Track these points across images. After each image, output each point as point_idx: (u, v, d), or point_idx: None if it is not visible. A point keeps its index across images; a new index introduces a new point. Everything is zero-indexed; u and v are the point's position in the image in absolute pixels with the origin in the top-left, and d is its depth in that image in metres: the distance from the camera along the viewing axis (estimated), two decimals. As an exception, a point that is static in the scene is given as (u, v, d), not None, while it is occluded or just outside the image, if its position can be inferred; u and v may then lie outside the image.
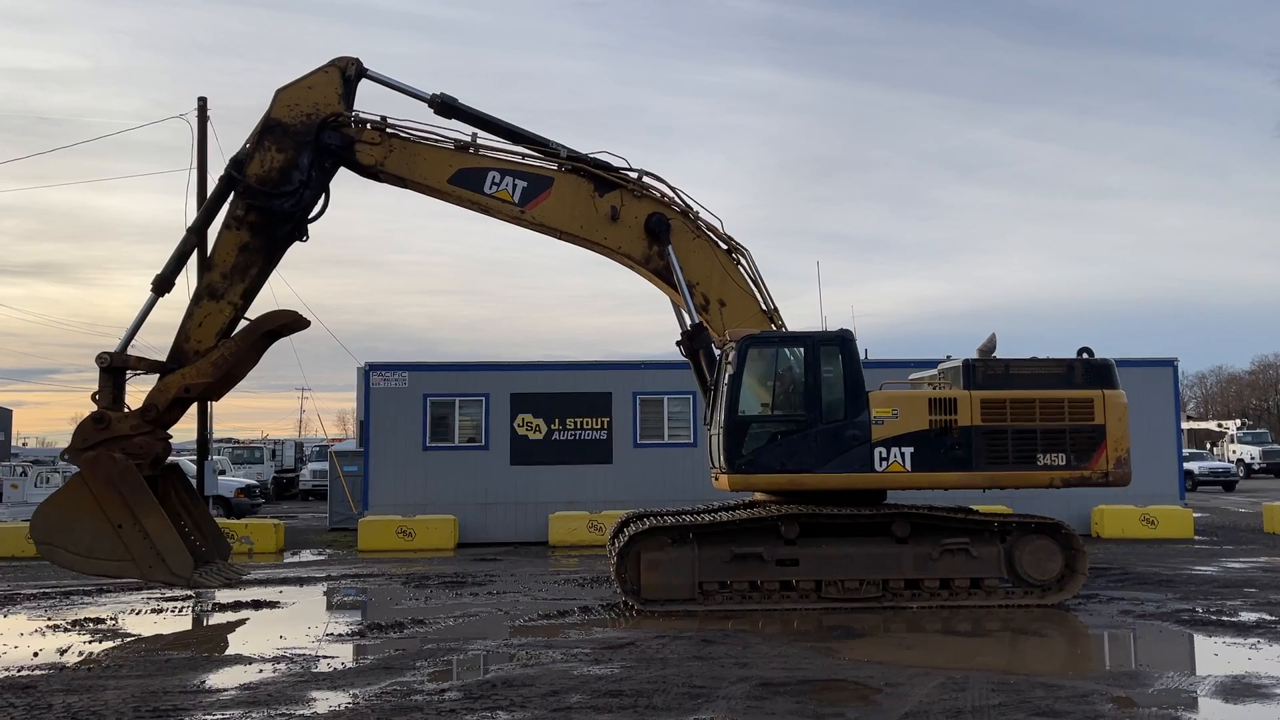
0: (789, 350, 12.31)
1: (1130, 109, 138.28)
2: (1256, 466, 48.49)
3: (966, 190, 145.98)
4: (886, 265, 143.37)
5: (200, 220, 13.30)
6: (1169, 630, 10.66)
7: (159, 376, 12.46)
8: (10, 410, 71.52)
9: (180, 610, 12.57)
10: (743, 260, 13.41)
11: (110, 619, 11.93)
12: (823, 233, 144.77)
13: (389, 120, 12.99)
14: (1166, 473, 21.45)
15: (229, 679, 8.56)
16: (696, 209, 13.41)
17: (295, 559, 19.16)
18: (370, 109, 13.09)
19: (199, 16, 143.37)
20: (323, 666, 9.00)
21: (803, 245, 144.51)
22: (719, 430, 12.13)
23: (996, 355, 12.62)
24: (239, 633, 11.13)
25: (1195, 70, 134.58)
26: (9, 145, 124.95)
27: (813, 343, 12.20)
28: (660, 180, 13.34)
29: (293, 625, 11.32)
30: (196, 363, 12.38)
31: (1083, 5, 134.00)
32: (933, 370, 13.76)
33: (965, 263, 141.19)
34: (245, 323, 12.69)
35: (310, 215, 12.89)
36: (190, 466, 26.55)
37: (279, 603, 13.10)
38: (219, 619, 12.08)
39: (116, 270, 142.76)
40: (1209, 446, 53.66)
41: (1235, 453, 49.80)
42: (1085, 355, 12.42)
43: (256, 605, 12.83)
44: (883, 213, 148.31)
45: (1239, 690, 7.90)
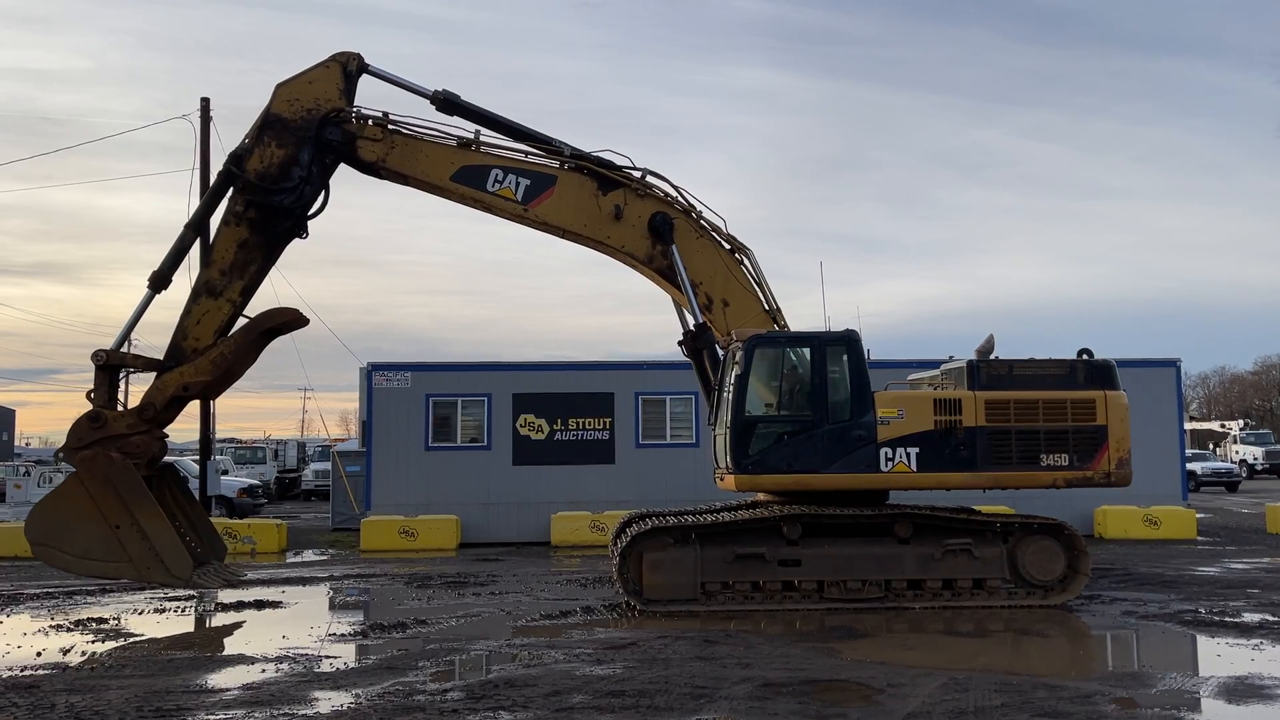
0: (795, 350, 12.30)
1: (1132, 109, 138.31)
2: (1259, 467, 48.47)
3: (968, 191, 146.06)
4: (888, 266, 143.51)
5: (198, 216, 13.08)
6: (1172, 631, 10.66)
7: (156, 375, 12.27)
8: (13, 410, 71.64)
9: (183, 610, 12.58)
10: (745, 260, 13.38)
11: (113, 619, 11.93)
12: (824, 233, 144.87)
13: (391, 116, 12.87)
14: (1169, 473, 21.43)
15: (231, 679, 8.57)
16: (699, 208, 13.38)
17: (298, 559, 19.18)
18: (370, 105, 13.01)
19: (201, 16, 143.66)
20: (325, 666, 9.00)
21: (804, 246, 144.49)
22: (725, 430, 12.10)
23: (994, 356, 12.62)
24: (241, 633, 11.13)
25: (1198, 70, 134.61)
26: (12, 145, 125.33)
27: (819, 343, 12.19)
28: (663, 179, 13.31)
29: (295, 625, 11.33)
30: (195, 361, 12.18)
31: (1085, 5, 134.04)
32: (934, 371, 13.76)
33: (967, 263, 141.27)
34: (244, 320, 12.51)
35: (310, 212, 12.73)
36: (193, 466, 26.62)
37: (281, 603, 13.11)
38: (222, 619, 12.09)
39: (120, 270, 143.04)
40: (1212, 447, 53.64)
41: (1238, 453, 49.77)
42: (1086, 356, 12.44)
43: (259, 605, 12.84)
44: (884, 213, 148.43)
45: (1242, 691, 7.90)
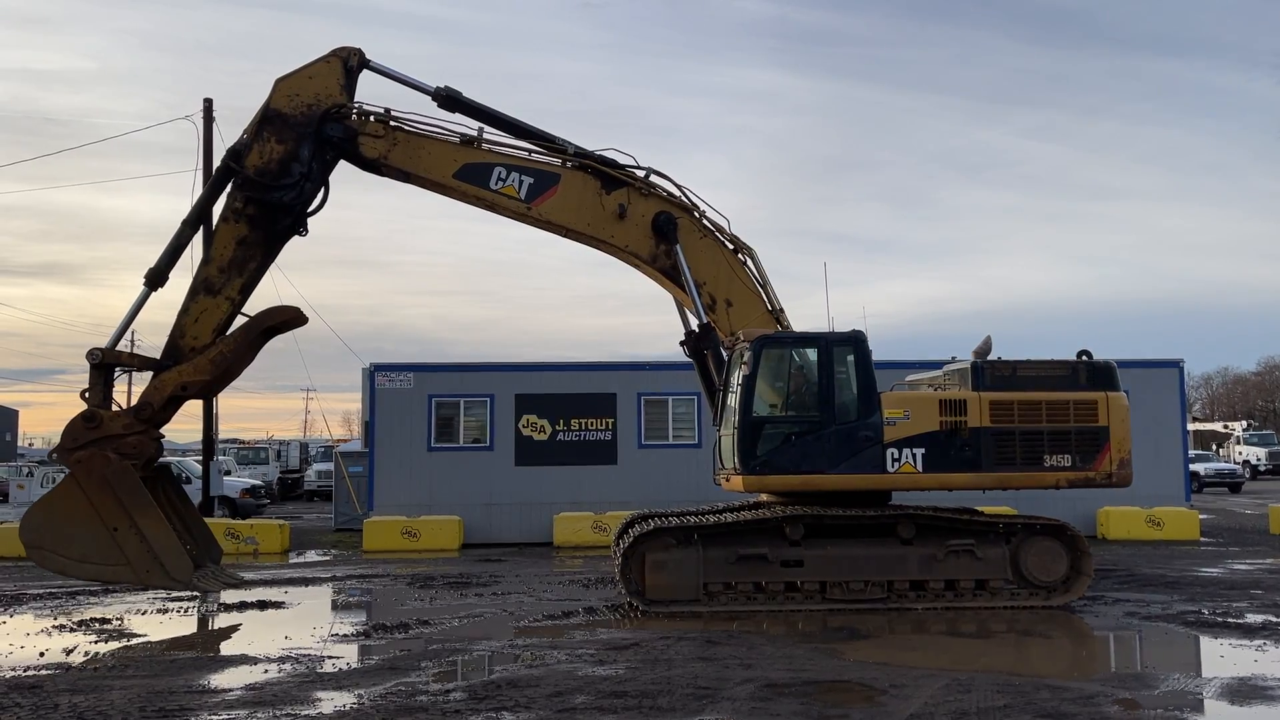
0: (803, 351, 12.28)
1: (1136, 109, 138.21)
2: (1262, 468, 48.45)
3: (971, 191, 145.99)
4: (891, 266, 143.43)
5: (196, 212, 12.80)
6: (1175, 632, 10.65)
7: (153, 374, 12.07)
8: (16, 411, 71.64)
9: (186, 611, 12.58)
10: (748, 260, 13.34)
11: (116, 619, 11.93)
12: (827, 234, 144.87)
13: (393, 113, 12.73)
14: (1172, 474, 21.40)
15: (234, 679, 8.57)
16: (703, 208, 13.32)
17: (300, 559, 19.19)
18: (370, 102, 12.85)
19: (204, 17, 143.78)
20: (328, 667, 9.00)
21: (807, 246, 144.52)
22: (733, 431, 12.03)
23: (997, 357, 12.62)
24: (244, 633, 11.14)
25: (1201, 71, 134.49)
26: (15, 146, 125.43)
27: (826, 343, 12.17)
28: (666, 178, 13.25)
29: (298, 626, 11.33)
30: (194, 360, 11.97)
31: (1088, 6, 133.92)
32: (934, 372, 13.76)
33: (970, 263, 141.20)
34: (243, 319, 12.34)
35: (310, 209, 12.56)
36: (195, 467, 26.66)
37: (284, 603, 13.11)
38: (224, 619, 12.10)
39: (123, 271, 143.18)
40: (1215, 448, 53.57)
41: (1241, 454, 49.74)
42: (1085, 357, 12.45)
43: (262, 605, 12.84)
44: (887, 214, 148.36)
45: (1245, 692, 7.88)
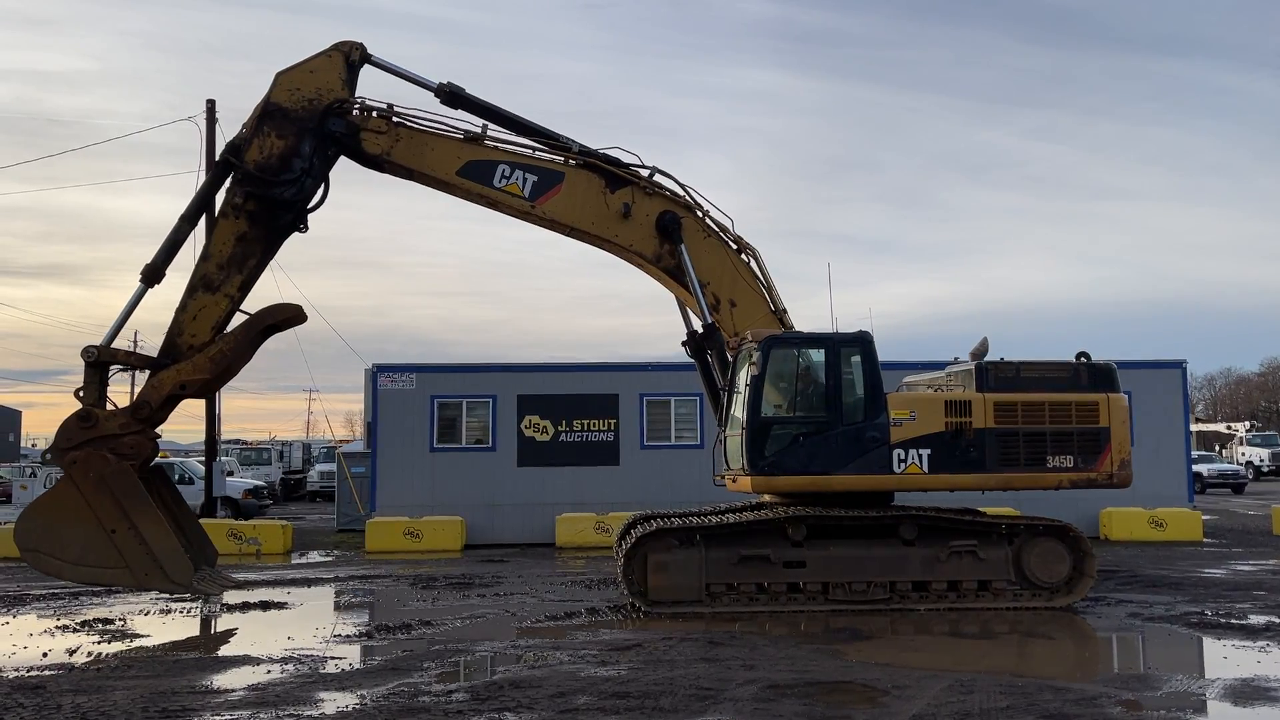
0: (811, 351, 12.26)
1: (1139, 110, 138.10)
2: (1265, 469, 48.40)
3: (974, 192, 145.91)
4: (894, 267, 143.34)
5: (194, 207, 12.48)
6: (1177, 633, 10.64)
7: (150, 373, 11.86)
8: (19, 411, 71.74)
9: (188, 611, 12.58)
10: (752, 261, 13.30)
11: (119, 620, 11.94)
12: (830, 234, 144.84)
13: (396, 108, 12.58)
14: (1175, 475, 21.41)
15: (237, 680, 8.58)
16: (707, 207, 13.26)
17: (303, 560, 19.20)
18: (371, 97, 12.65)
19: (207, 18, 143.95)
20: (330, 667, 9.01)
21: (810, 247, 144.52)
22: (740, 431, 11.98)
23: (1001, 358, 12.64)
24: (247, 634, 11.14)
25: (1204, 71, 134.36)
26: (18, 147, 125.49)
27: (833, 344, 12.17)
28: (670, 177, 13.18)
29: (300, 626, 11.35)
30: (193, 359, 11.73)
31: (1091, 6, 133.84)
32: (934, 373, 13.80)
33: (973, 264, 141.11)
34: (241, 316, 12.12)
35: (310, 205, 12.38)
36: (198, 468, 26.69)
37: (287, 604, 13.12)
38: (227, 620, 12.10)
39: (126, 272, 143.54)
40: (1218, 449, 53.57)
41: (1244, 455, 49.67)
42: (1083, 359, 12.48)
43: (264, 606, 12.85)
44: (890, 214, 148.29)
45: (1248, 693, 7.87)
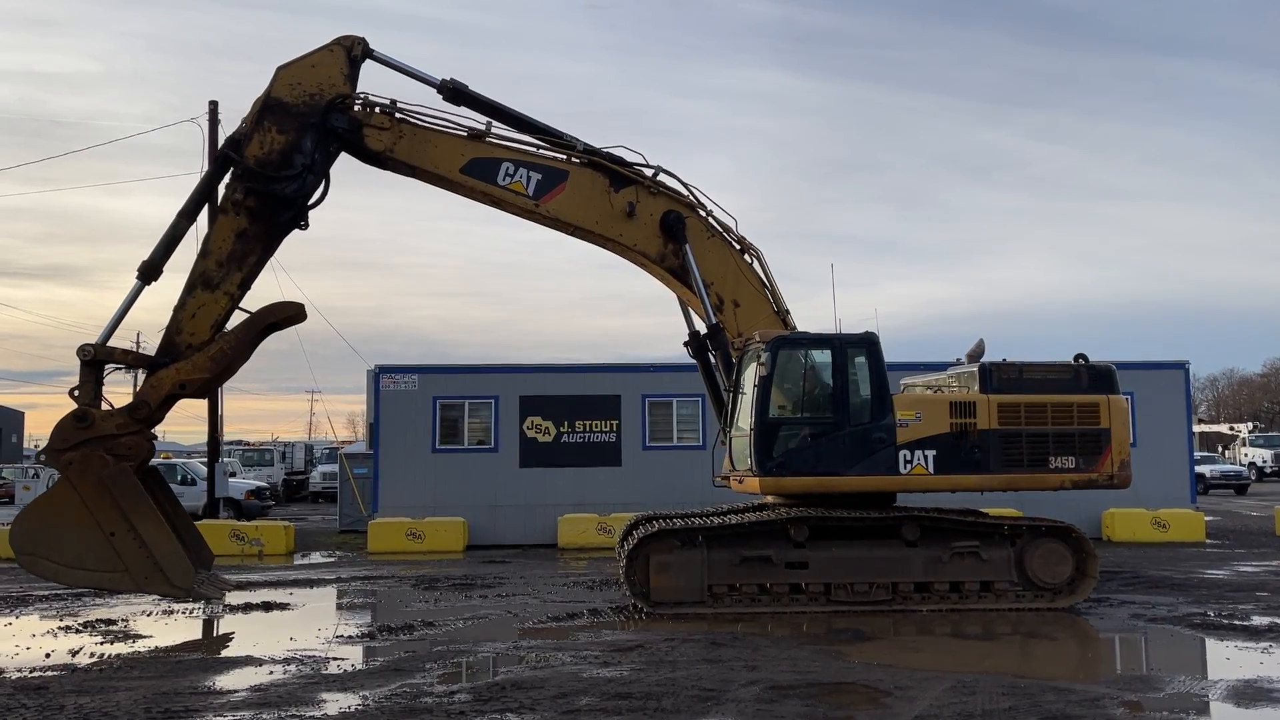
0: (818, 352, 12.25)
1: (1141, 110, 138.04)
2: (1268, 470, 48.34)
3: (977, 192, 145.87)
4: (896, 267, 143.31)
5: (192, 203, 12.10)
6: (1180, 634, 10.64)
7: (148, 372, 11.61)
8: (22, 413, 71.96)
9: (191, 612, 12.58)
10: (755, 261, 13.26)
11: (121, 620, 11.95)
12: (832, 235, 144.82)
13: (399, 104, 12.39)
14: (1178, 476, 21.40)
15: (239, 680, 8.59)
16: (710, 207, 13.19)
17: (305, 561, 19.21)
18: (374, 93, 12.38)
19: (209, 20, 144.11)
20: (333, 668, 9.02)
21: (812, 247, 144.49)
22: (749, 432, 11.95)
23: (988, 359, 12.76)
24: (249, 634, 11.15)
25: (1207, 71, 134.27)
26: (21, 148, 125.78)
27: (840, 344, 12.17)
28: (674, 177, 13.11)
29: (303, 627, 11.36)
30: (192, 357, 11.46)
31: (1094, 6, 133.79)
32: (933, 375, 13.84)
33: (975, 265, 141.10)
34: (239, 314, 11.84)
35: (311, 201, 12.15)
36: (200, 469, 26.73)
37: (289, 604, 13.13)
38: (229, 621, 12.10)
39: (128, 273, 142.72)
40: (1220, 450, 53.49)
41: (1247, 456, 49.62)
42: (1081, 361, 12.54)
43: (267, 607, 12.86)
44: (892, 215, 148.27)
45: (1251, 695, 7.87)
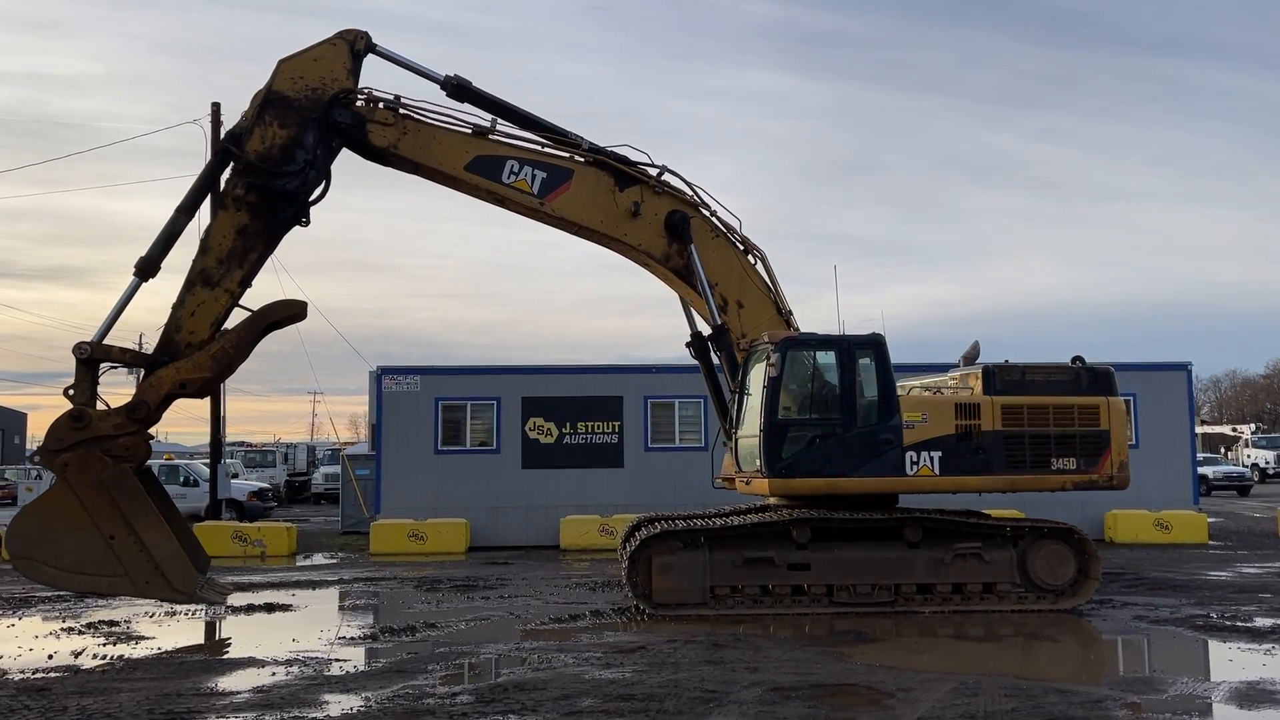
0: (826, 353, 12.25)
1: (1144, 111, 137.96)
2: (1271, 471, 48.33)
3: (979, 194, 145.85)
4: (899, 269, 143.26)
5: (191, 198, 11.89)
6: (1183, 636, 10.63)
7: (146, 371, 11.38)
8: (24, 414, 72.19)
9: (193, 614, 12.58)
10: (759, 262, 13.23)
11: (124, 621, 11.96)
12: (834, 236, 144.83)
13: (403, 100, 12.25)
14: (1180, 477, 21.39)
15: (242, 681, 8.60)
16: (715, 207, 13.13)
17: (307, 562, 19.22)
18: (377, 88, 12.20)
19: (212, 21, 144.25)
20: (335, 669, 9.03)
21: (814, 249, 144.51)
22: (758, 433, 11.90)
23: (983, 360, 12.84)
24: (252, 635, 11.15)
25: (1210, 72, 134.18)
26: (24, 150, 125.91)
27: (848, 346, 12.17)
28: (679, 176, 13.04)
29: (305, 628, 11.36)
30: (193, 356, 11.19)
31: (1096, 8, 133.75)
32: (932, 376, 13.87)
33: (978, 266, 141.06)
34: (240, 311, 11.62)
35: (312, 198, 11.95)
36: (203, 470, 26.76)
37: (291, 606, 13.14)
38: (232, 622, 12.11)
39: (130, 275, 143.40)
40: (1223, 451, 53.48)
41: (1250, 457, 49.60)
42: (1079, 363, 12.60)
43: (269, 608, 12.87)
44: (895, 216, 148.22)
45: (1253, 696, 7.87)
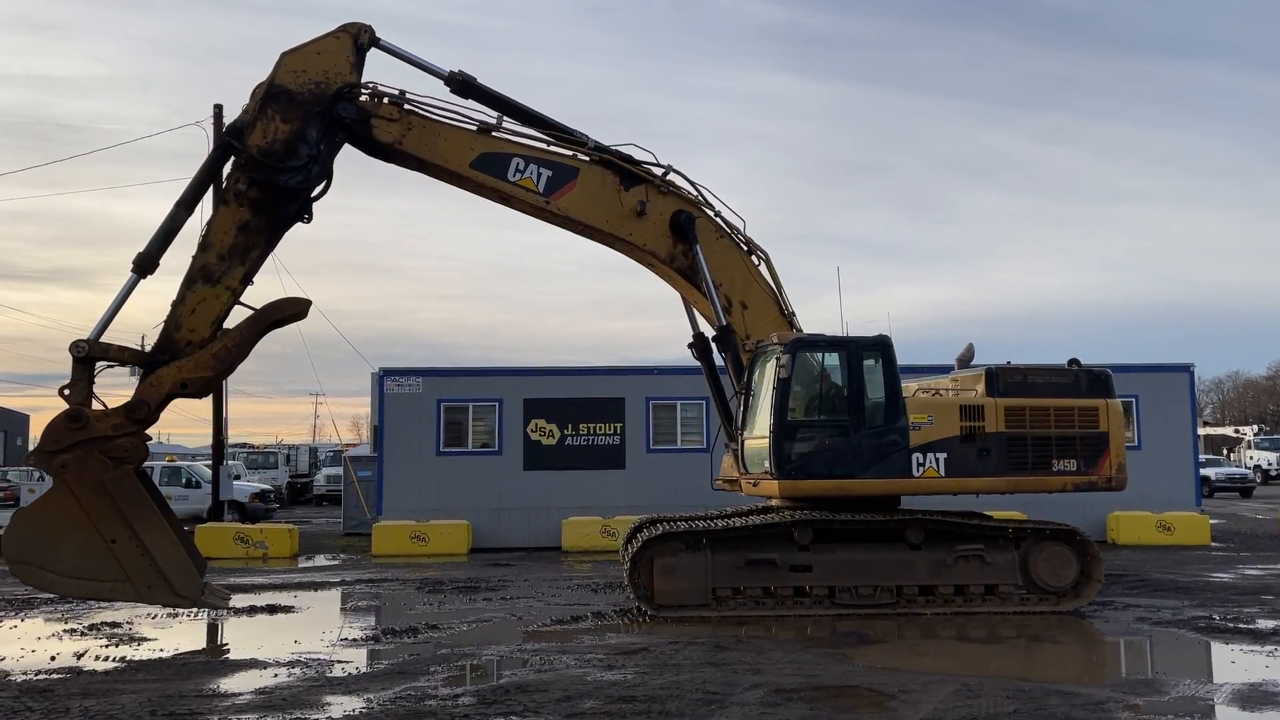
0: (834, 354, 12.27)
1: (1147, 112, 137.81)
2: (1274, 472, 48.31)
3: (982, 194, 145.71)
4: (901, 270, 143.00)
5: (190, 193, 11.63)
6: (1185, 637, 10.62)
7: (145, 370, 11.12)
8: (27, 415, 72.19)
9: (195, 615, 12.59)
10: (762, 263, 13.23)
11: (126, 623, 11.96)
12: (837, 237, 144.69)
13: (408, 95, 12.11)
14: (1183, 479, 21.39)
15: (244, 683, 8.60)
16: (719, 208, 13.12)
17: (310, 564, 19.24)
18: (382, 83, 12.08)
19: (215, 23, 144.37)
20: (337, 671, 9.03)
21: (817, 250, 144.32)
22: (768, 434, 11.89)
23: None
24: (254, 637, 11.15)
25: (1213, 73, 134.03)
26: (27, 152, 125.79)
27: (856, 347, 12.19)
28: (684, 176, 13.01)
29: (307, 630, 11.37)
30: (194, 355, 10.94)
31: (1099, 8, 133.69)
32: (930, 378, 13.89)
33: (980, 267, 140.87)
34: (240, 309, 11.42)
35: (314, 194, 11.77)
36: (205, 471, 26.77)
37: (294, 607, 13.15)
38: (234, 623, 12.11)
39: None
40: (1226, 452, 53.39)
41: (1252, 459, 49.56)
42: (1074, 365, 12.65)
43: (271, 610, 12.88)
44: (898, 217, 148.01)
45: (1256, 698, 7.86)
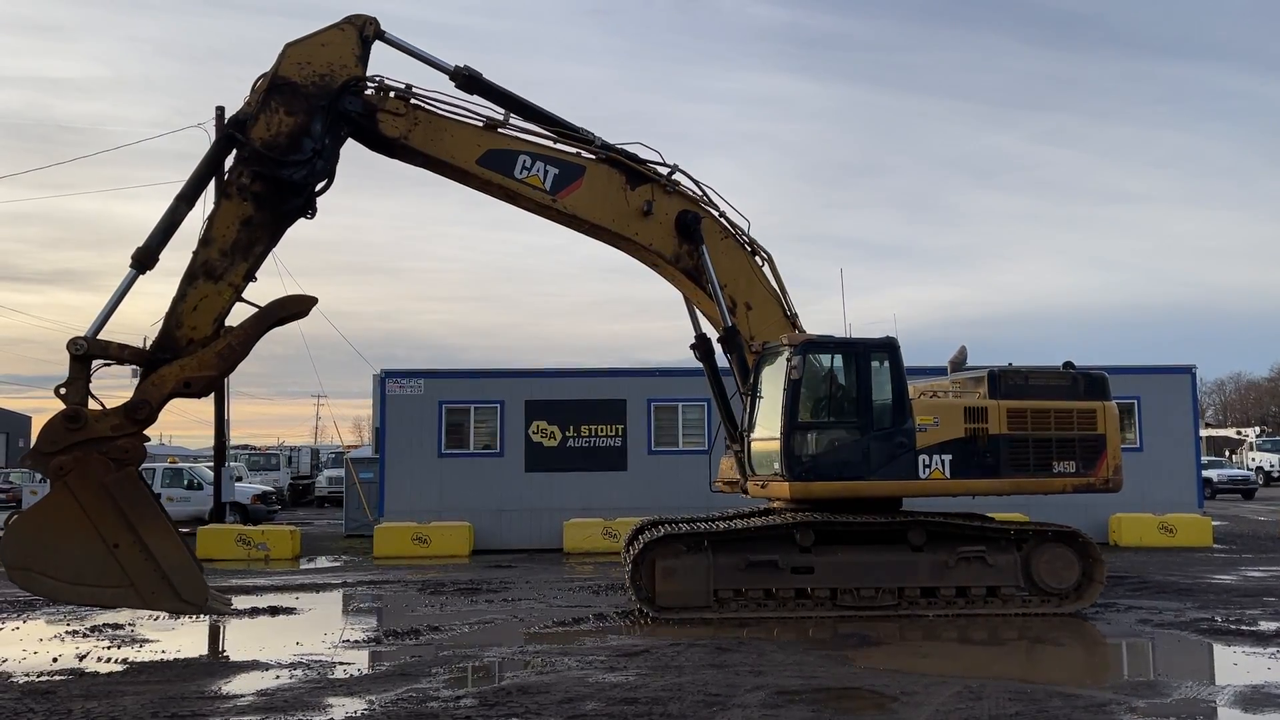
0: (843, 356, 12.27)
1: (1149, 113, 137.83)
2: (1276, 474, 48.27)
3: (984, 196, 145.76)
4: (903, 271, 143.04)
5: (191, 186, 11.31)
6: (1187, 639, 10.61)
7: (145, 369, 10.84)
8: (29, 417, 72.32)
9: (197, 616, 12.60)
10: (765, 264, 13.19)
11: (128, 624, 11.97)
12: (839, 239, 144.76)
13: (415, 90, 11.94)
14: (1185, 481, 21.36)
15: (246, 685, 8.61)
16: (723, 208, 13.07)
17: (311, 565, 19.24)
18: (389, 76, 11.86)
19: (217, 24, 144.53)
20: (339, 673, 9.04)
21: (819, 251, 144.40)
22: (780, 436, 11.84)
23: (972, 363, 12.93)
24: (256, 639, 11.16)
25: (1215, 74, 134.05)
26: (29, 154, 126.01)
27: (864, 349, 12.20)
28: (688, 176, 12.95)
29: (309, 631, 11.37)
30: (197, 354, 10.65)
31: (1100, 9, 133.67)
32: (929, 379, 13.93)
33: (982, 269, 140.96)
34: (240, 306, 11.12)
35: (318, 189, 11.53)
36: (207, 473, 26.79)
37: (295, 609, 13.16)
38: (236, 625, 12.12)
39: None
40: (1228, 454, 53.34)
41: (1254, 460, 49.54)
42: (1069, 368, 12.72)
43: (273, 611, 12.89)
44: (899, 219, 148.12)
45: (1258, 700, 7.85)
